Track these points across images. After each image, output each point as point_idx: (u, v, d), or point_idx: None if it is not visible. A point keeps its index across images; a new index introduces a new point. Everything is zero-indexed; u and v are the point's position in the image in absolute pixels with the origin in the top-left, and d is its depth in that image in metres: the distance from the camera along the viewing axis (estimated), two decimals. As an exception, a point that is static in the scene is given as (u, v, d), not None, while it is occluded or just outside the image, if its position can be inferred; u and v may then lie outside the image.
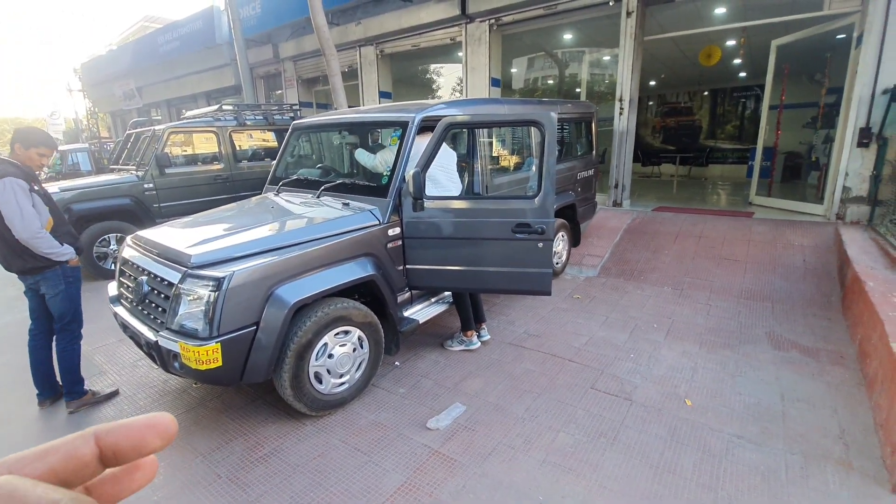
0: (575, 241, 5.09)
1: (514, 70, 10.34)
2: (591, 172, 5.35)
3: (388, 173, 2.95)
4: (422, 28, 8.24)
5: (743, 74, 11.67)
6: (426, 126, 3.00)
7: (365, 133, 3.70)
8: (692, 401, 2.65)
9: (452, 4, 7.53)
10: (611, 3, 6.21)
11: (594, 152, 5.41)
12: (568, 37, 8.46)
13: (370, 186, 3.09)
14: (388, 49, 9.17)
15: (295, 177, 3.60)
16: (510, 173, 4.38)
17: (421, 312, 3.14)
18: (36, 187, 2.57)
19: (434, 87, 12.78)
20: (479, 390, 2.82)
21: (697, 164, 11.68)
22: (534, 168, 4.17)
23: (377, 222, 2.78)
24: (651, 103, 14.31)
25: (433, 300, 3.31)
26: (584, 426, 2.45)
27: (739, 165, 11.46)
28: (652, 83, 12.73)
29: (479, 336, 3.38)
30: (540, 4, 6.76)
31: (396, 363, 3.19)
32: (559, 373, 2.99)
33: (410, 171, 2.65)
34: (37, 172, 2.66)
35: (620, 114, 6.45)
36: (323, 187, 3.17)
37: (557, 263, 4.80)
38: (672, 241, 5.42)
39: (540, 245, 2.71)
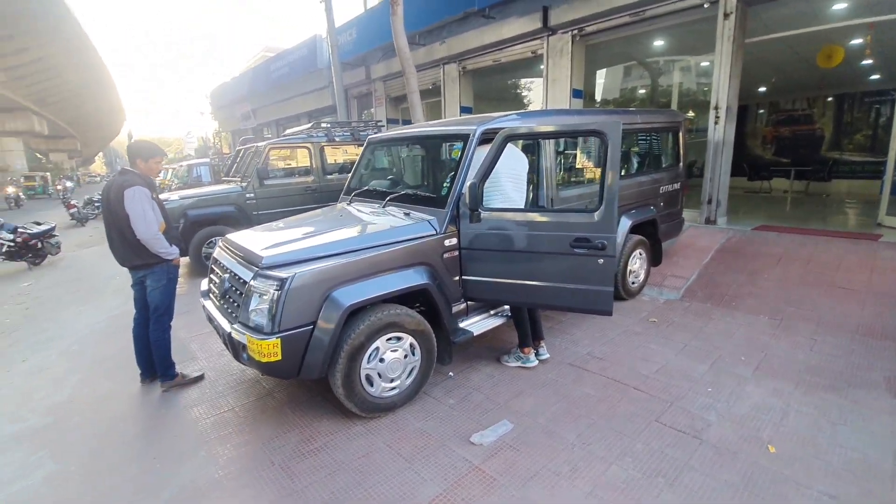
0: (656, 259, 4.73)
1: (599, 81, 9.98)
2: (677, 186, 4.95)
3: (448, 184, 2.99)
4: (503, 43, 8.32)
5: (876, 77, 10.08)
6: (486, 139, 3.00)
7: (432, 146, 3.80)
8: (777, 448, 2.30)
9: (534, 18, 7.50)
10: (706, 6, 5.75)
11: (681, 164, 5.01)
12: (658, 43, 7.98)
13: (431, 197, 3.16)
14: (469, 65, 9.38)
15: (366, 188, 3.80)
16: (582, 186, 4.20)
17: (476, 325, 3.11)
18: (154, 195, 3.02)
19: (514, 100, 12.76)
20: (531, 410, 2.71)
21: (818, 178, 10.24)
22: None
23: (434, 232, 2.83)
24: (761, 111, 12.87)
25: (490, 313, 3.26)
26: (641, 461, 2.24)
27: (872, 181, 9.83)
28: (762, 89, 11.48)
29: (536, 354, 3.27)
30: (626, 12, 6.48)
31: (450, 374, 3.18)
32: (621, 400, 2.77)
33: (468, 183, 2.67)
34: (155, 178, 3.12)
35: (716, 123, 5.90)
36: (388, 198, 3.30)
37: (633, 283, 4.48)
38: (774, 264, 4.79)
39: (600, 261, 2.56)
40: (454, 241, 2.91)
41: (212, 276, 3.18)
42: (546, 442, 2.41)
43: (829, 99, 12.04)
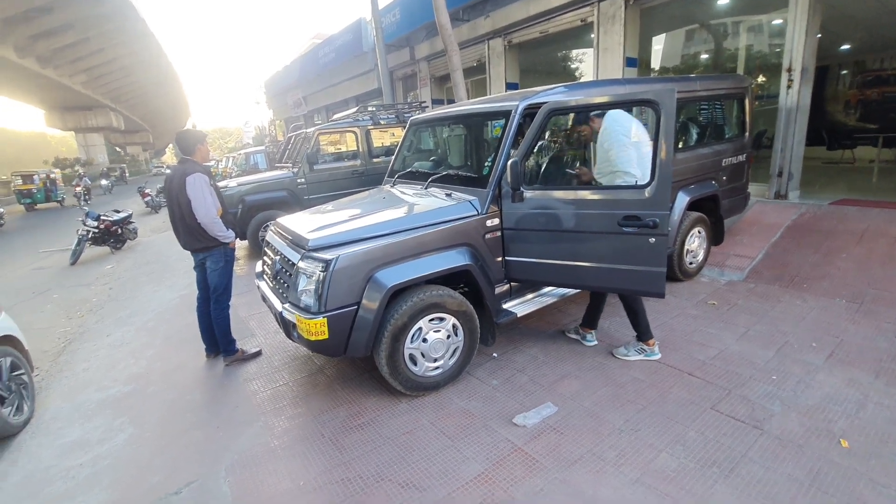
0: (717, 238, 4.41)
1: (656, 48, 9.32)
2: (741, 158, 4.56)
3: (490, 163, 2.93)
4: (550, 13, 7.93)
5: None
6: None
7: (474, 125, 3.73)
8: (850, 442, 2.10)
9: (584, -16, 7.09)
10: (781, -45, 5.15)
11: (747, 134, 4.60)
12: (721, 3, 7.29)
13: (473, 177, 3.11)
14: (515, 39, 9.06)
15: (409, 169, 3.81)
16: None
17: (520, 306, 3.07)
18: (211, 182, 3.19)
19: (562, 74, 12.20)
20: (576, 393, 2.65)
21: (913, 146, 9.06)
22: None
23: (476, 212, 2.80)
24: (844, 73, 11.52)
25: (534, 294, 3.20)
26: (693, 450, 2.13)
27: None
28: (844, 47, 10.25)
29: (584, 339, 3.19)
30: (687, -31, 5.95)
31: (494, 354, 3.18)
32: (673, 386, 2.65)
33: (509, 161, 2.60)
34: (208, 162, 3.30)
35: (789, 87, 5.34)
36: (430, 179, 3.29)
37: (691, 264, 4.22)
38: (855, 242, 4.34)
39: (651, 240, 2.42)
40: (496, 221, 2.86)
41: (265, 258, 3.34)
42: (591, 426, 2.35)
43: (930, 54, 10.55)
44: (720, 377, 2.71)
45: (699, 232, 4.21)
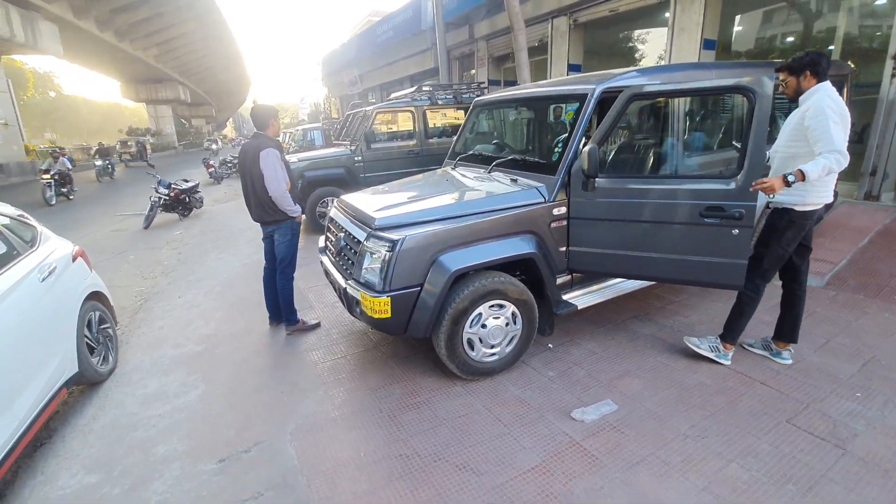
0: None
1: (738, 28, 8.60)
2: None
3: (560, 149, 2.83)
4: (623, -10, 7.49)
5: None
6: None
7: (542, 108, 3.61)
8: (952, 474, 1.92)
9: (663, -42, 6.61)
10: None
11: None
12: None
13: (540, 163, 3.02)
14: (582, 17, 8.66)
15: (471, 152, 3.76)
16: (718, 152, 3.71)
17: (581, 298, 2.98)
18: (282, 157, 3.29)
19: (626, 56, 11.55)
20: (637, 393, 2.57)
21: None
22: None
23: (542, 200, 2.72)
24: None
25: (596, 287, 3.10)
26: (766, 464, 2.02)
27: None
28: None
29: (780, 356, 2.81)
30: (784, -59, 5.40)
31: (549, 345, 3.13)
32: (744, 394, 2.51)
33: (586, 148, 2.51)
34: (279, 137, 3.40)
35: (894, 76, 4.80)
36: (494, 163, 3.23)
37: (764, 265, 3.94)
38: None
39: (735, 231, 2.37)
40: (563, 209, 2.77)
41: (328, 234, 3.43)
42: (654, 428, 2.28)
43: None
44: (796, 389, 2.54)
45: (777, 232, 3.91)
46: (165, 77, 38.53)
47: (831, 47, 7.81)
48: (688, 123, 3.76)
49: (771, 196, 2.33)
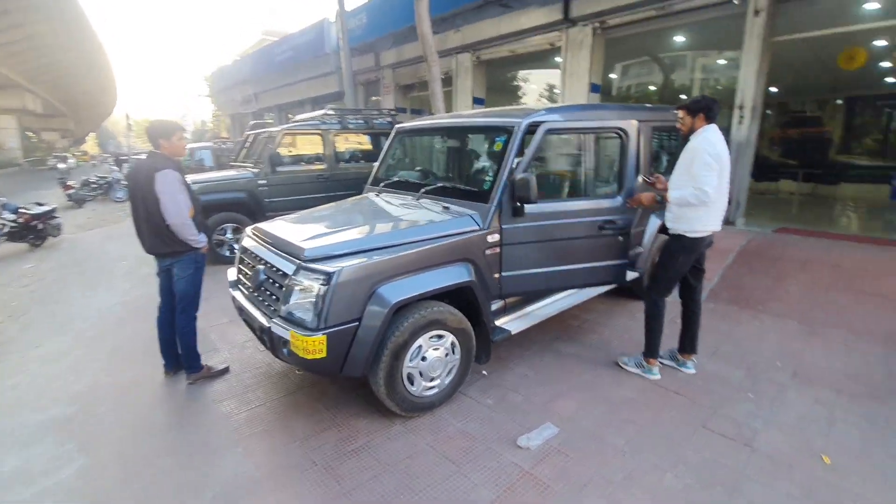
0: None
1: (615, 76, 9.87)
2: (702, 186, 4.89)
3: (491, 178, 2.90)
4: (521, 34, 8.17)
5: (891, 80, 10.04)
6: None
7: (466, 138, 3.70)
8: (831, 459, 2.26)
9: (554, 9, 7.36)
10: (736, 2, 5.64)
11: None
12: (680, 39, 7.87)
13: (471, 191, 3.06)
14: (484, 55, 9.22)
15: (396, 178, 3.69)
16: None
17: (513, 324, 3.04)
18: (183, 179, 2.89)
19: (521, 93, 12.63)
20: (573, 414, 2.65)
21: (825, 181, 10.23)
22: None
23: (477, 227, 2.74)
24: (769, 112, 12.83)
25: (526, 311, 3.19)
26: (695, 470, 2.19)
27: (880, 185, 9.83)
28: (773, 90, 11.42)
29: (683, 365, 3.09)
30: (652, 5, 6.36)
31: (483, 372, 3.12)
32: (664, 406, 2.72)
33: (521, 176, 2.60)
34: (181, 157, 3.00)
35: (740, 123, 5.84)
36: (423, 190, 3.20)
37: (658, 283, 4.43)
38: (799, 268, 4.76)
39: (620, 239, 3.14)
40: (496, 237, 2.82)
41: (241, 266, 3.07)
42: (595, 447, 2.35)
43: (839, 102, 12.03)
44: (703, 395, 2.82)
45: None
46: (8, 83, 32.49)
47: (683, 96, 9.30)
48: (590, 153, 4.18)
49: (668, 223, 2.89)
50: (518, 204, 2.73)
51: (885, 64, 8.51)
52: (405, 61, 11.03)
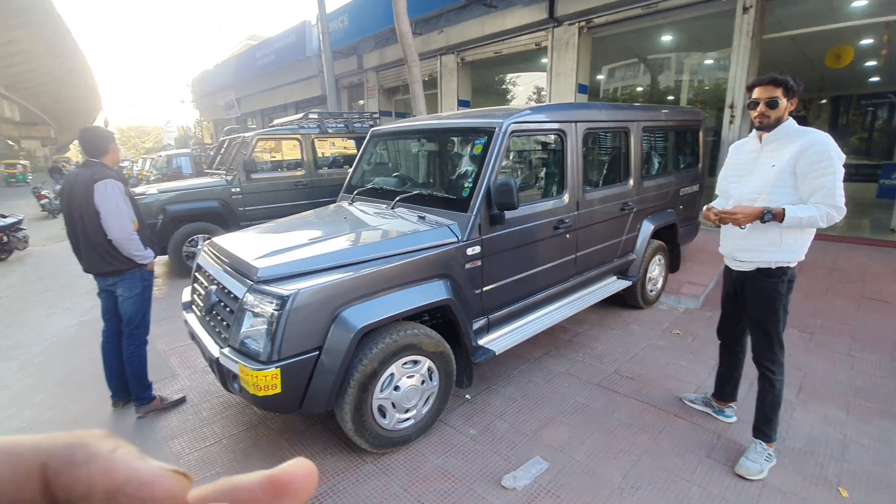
0: (673, 266, 4.47)
1: (600, 77, 9.71)
2: (695, 188, 4.69)
3: (470, 184, 2.65)
4: (505, 34, 7.96)
5: (875, 79, 10.03)
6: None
7: (447, 141, 3.44)
8: (848, 491, 2.03)
9: (540, 8, 7.17)
10: (724, -1, 5.49)
11: (700, 165, 4.75)
12: (667, 38, 7.72)
13: (449, 199, 2.81)
14: (469, 57, 9.00)
15: (370, 185, 3.43)
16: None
17: (498, 342, 2.77)
18: (126, 190, 2.60)
19: (510, 96, 12.43)
20: (564, 444, 2.39)
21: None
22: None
23: (456, 239, 2.48)
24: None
25: (511, 328, 2.93)
26: (701, 510, 1.95)
27: (868, 184, 9.78)
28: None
29: (722, 414, 2.59)
30: (638, 3, 6.19)
31: (466, 396, 2.85)
32: (663, 431, 2.48)
33: (499, 182, 2.35)
34: (118, 166, 2.71)
35: (731, 122, 5.67)
36: (398, 198, 2.94)
37: (651, 291, 4.22)
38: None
39: (567, 237, 3.09)
40: (477, 249, 2.56)
41: (195, 285, 2.78)
42: (589, 485, 2.10)
43: (824, 101, 12.05)
44: (705, 419, 2.59)
45: (659, 260, 4.23)
46: (-17, 90, 31.70)
47: (670, 97, 9.17)
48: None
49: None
50: (498, 211, 2.47)
51: (870, 63, 8.46)
52: (389, 63, 10.78)
